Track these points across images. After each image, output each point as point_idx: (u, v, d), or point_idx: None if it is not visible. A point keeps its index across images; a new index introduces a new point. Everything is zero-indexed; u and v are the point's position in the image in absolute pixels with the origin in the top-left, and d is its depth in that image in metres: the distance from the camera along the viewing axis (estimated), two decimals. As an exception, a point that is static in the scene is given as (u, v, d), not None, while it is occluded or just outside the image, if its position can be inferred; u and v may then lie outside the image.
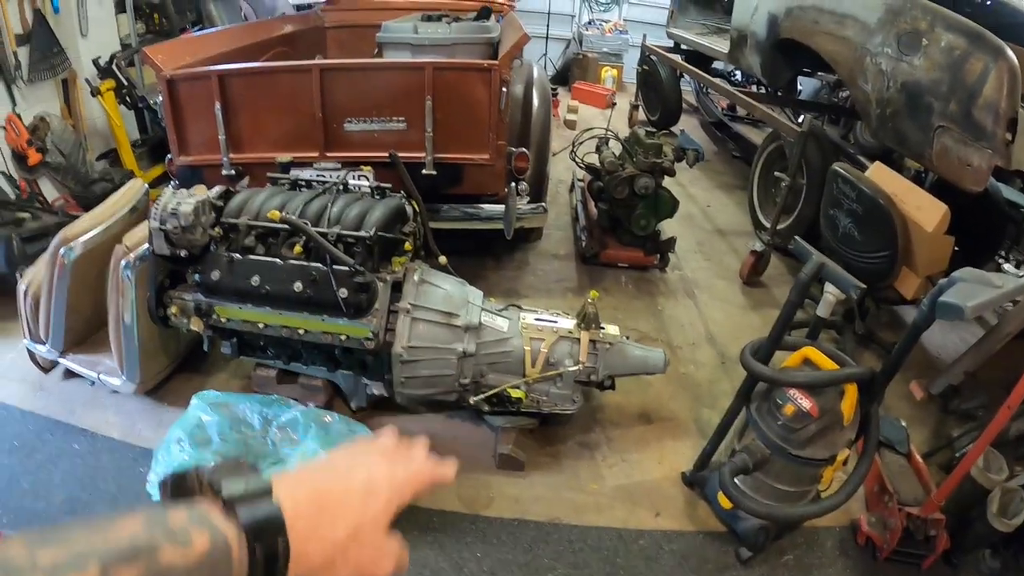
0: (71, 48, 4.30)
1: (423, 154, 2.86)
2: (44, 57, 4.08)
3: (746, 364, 1.91)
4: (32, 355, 2.77)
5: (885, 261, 2.79)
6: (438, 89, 2.73)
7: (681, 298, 3.54)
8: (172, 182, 3.23)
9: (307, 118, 2.84)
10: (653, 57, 6.09)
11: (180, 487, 0.52)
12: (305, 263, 2.07)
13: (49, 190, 4.19)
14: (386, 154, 2.81)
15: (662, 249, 3.68)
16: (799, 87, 4.95)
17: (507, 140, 2.95)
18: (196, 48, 3.22)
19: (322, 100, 2.79)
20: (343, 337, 2.14)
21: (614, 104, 5.88)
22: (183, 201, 2.01)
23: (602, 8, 8.62)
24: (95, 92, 4.26)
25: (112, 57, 4.37)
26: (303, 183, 2.38)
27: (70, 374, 2.78)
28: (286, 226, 2.07)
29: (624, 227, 3.64)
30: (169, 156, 3.11)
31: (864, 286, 1.88)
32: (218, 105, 2.81)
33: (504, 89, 2.73)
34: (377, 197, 2.31)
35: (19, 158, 3.92)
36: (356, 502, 0.54)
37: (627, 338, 2.42)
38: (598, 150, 3.73)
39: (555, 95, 6.56)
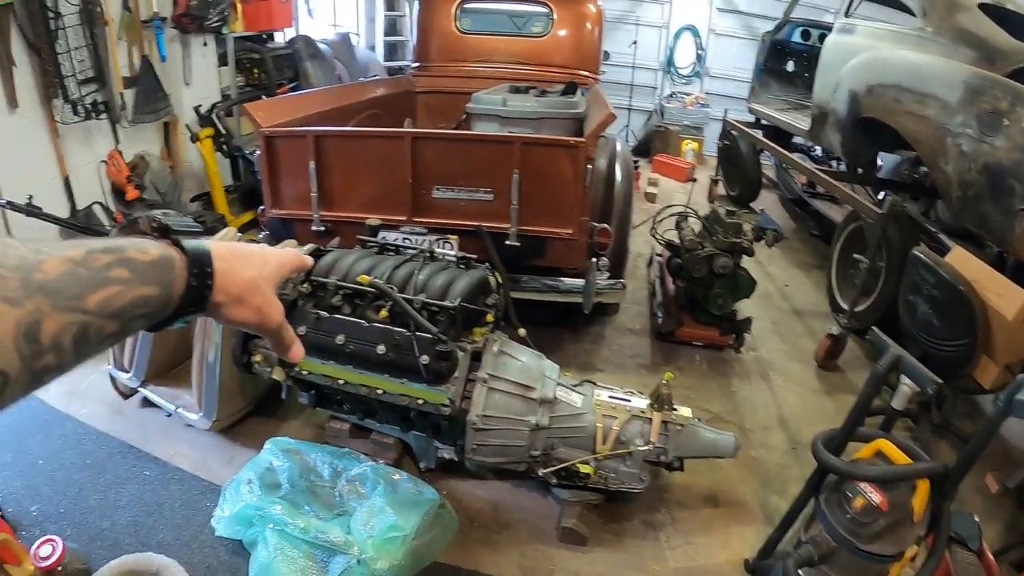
0: (174, 94, 4.64)
1: (508, 225, 2.91)
2: (148, 101, 4.41)
3: (817, 455, 1.85)
4: (114, 381, 2.93)
5: (963, 349, 2.68)
6: (525, 163, 2.80)
7: (755, 380, 3.46)
8: (262, 232, 3.41)
9: (397, 182, 2.94)
10: (734, 132, 6.10)
11: (131, 229, 0.69)
12: (390, 327, 2.13)
13: (146, 227, 4.48)
14: (472, 223, 2.89)
15: (738, 329, 3.61)
16: (879, 162, 4.85)
17: (590, 215, 2.99)
18: (293, 107, 3.41)
19: (413, 166, 2.89)
20: (420, 401, 2.17)
21: (694, 179, 5.88)
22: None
23: (684, 81, 8.72)
24: (194, 138, 4.57)
25: (212, 107, 4.70)
26: (391, 248, 2.47)
27: (147, 403, 2.92)
28: (374, 289, 2.15)
29: (700, 305, 3.60)
30: (262, 207, 3.28)
31: (941, 381, 1.81)
32: (312, 164, 2.96)
33: (589, 166, 2.78)
34: (462, 267, 2.37)
35: (118, 192, 4.22)
36: (257, 260, 0.72)
37: (699, 420, 2.37)
38: (678, 227, 3.74)
39: (636, 167, 6.65)
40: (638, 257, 4.89)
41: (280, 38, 5.90)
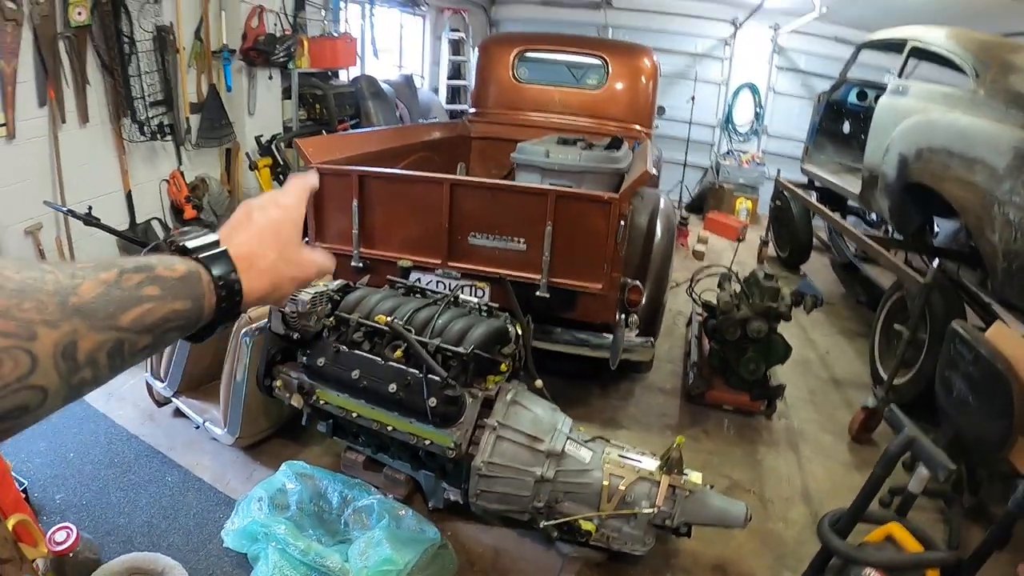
0: (238, 123, 4.89)
1: (539, 276, 2.94)
2: (212, 127, 4.66)
3: (822, 535, 1.79)
4: (149, 388, 3.08)
5: (1000, 431, 2.52)
6: (559, 216, 2.83)
7: (783, 449, 3.34)
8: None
9: (434, 226, 3.01)
10: (785, 192, 6.01)
11: (156, 251, 0.73)
12: (403, 367, 2.19)
13: (198, 244, 4.73)
14: (503, 272, 2.93)
15: (770, 395, 3.51)
16: (936, 229, 4.68)
17: (623, 271, 2.99)
18: (344, 145, 3.57)
19: (450, 212, 2.96)
20: (427, 442, 2.21)
21: (740, 238, 5.78)
22: (303, 290, 2.22)
23: (741, 139, 8.67)
24: (252, 166, 4.81)
25: (273, 138, 4.94)
26: (418, 290, 2.54)
27: (179, 413, 3.06)
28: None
29: (733, 369, 3.51)
30: (307, 239, 3.42)
31: (954, 467, 1.73)
32: (355, 202, 3.06)
33: (622, 222, 2.80)
34: (484, 315, 2.42)
35: (176, 211, 4.47)
36: (269, 235, 0.72)
37: (710, 487, 2.31)
38: (720, 287, 3.68)
39: (686, 224, 6.63)
40: (678, 315, 4.84)
41: (344, 76, 6.17)
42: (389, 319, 2.20)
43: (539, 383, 2.49)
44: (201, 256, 0.65)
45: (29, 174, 3.54)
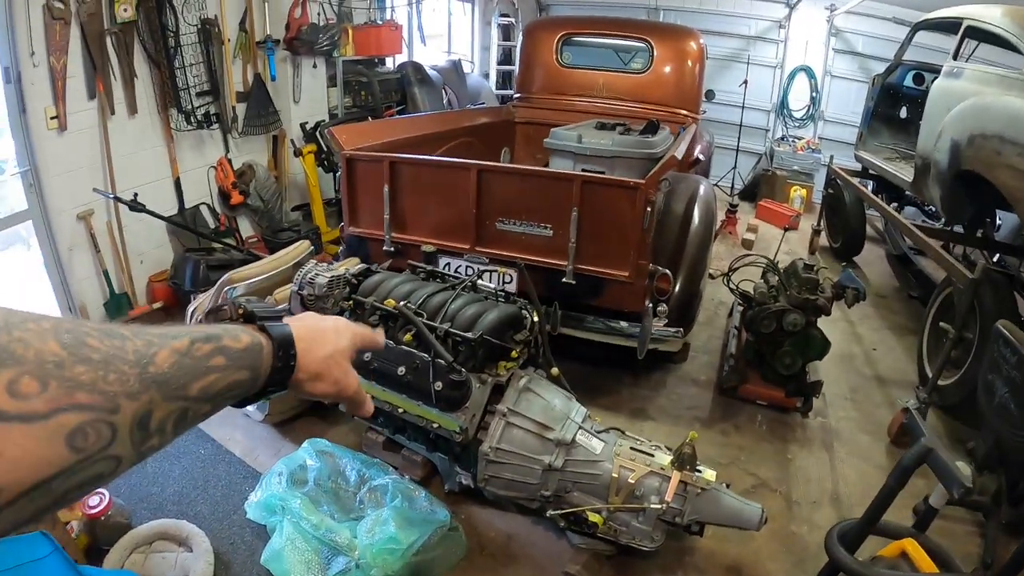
0: (284, 111, 4.99)
1: (565, 263, 2.91)
2: (258, 115, 4.77)
3: (829, 548, 1.72)
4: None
5: None
6: (585, 202, 2.80)
7: (816, 449, 3.21)
8: (340, 247, 3.64)
9: (463, 212, 3.02)
10: (839, 180, 5.74)
11: (218, 313, 0.86)
12: (413, 351, 2.21)
13: (246, 228, 4.87)
14: (532, 258, 2.91)
15: (806, 392, 3.37)
16: (998, 222, 4.37)
17: (652, 259, 2.92)
18: (381, 131, 3.61)
19: (477, 197, 2.96)
20: (435, 425, 2.23)
21: (787, 227, 5.49)
22: (320, 273, 2.27)
23: (797, 124, 8.31)
24: (297, 152, 4.90)
25: (317, 124, 5.01)
26: (439, 275, 2.56)
27: (213, 390, 3.20)
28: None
29: (768, 363, 3.39)
30: (342, 224, 3.49)
31: (970, 486, 1.62)
32: (386, 188, 3.10)
33: (648, 208, 2.73)
34: (500, 301, 2.41)
35: (224, 196, 4.61)
36: (331, 336, 0.80)
37: (726, 486, 2.25)
38: (764, 277, 3.55)
39: (735, 211, 6.43)
40: (720, 305, 4.71)
41: (391, 63, 6.20)
42: (398, 303, 2.22)
43: (555, 371, 2.47)
44: (266, 324, 0.71)
45: (81, 163, 3.71)
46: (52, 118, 3.47)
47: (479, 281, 2.48)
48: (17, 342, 0.44)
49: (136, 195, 3.69)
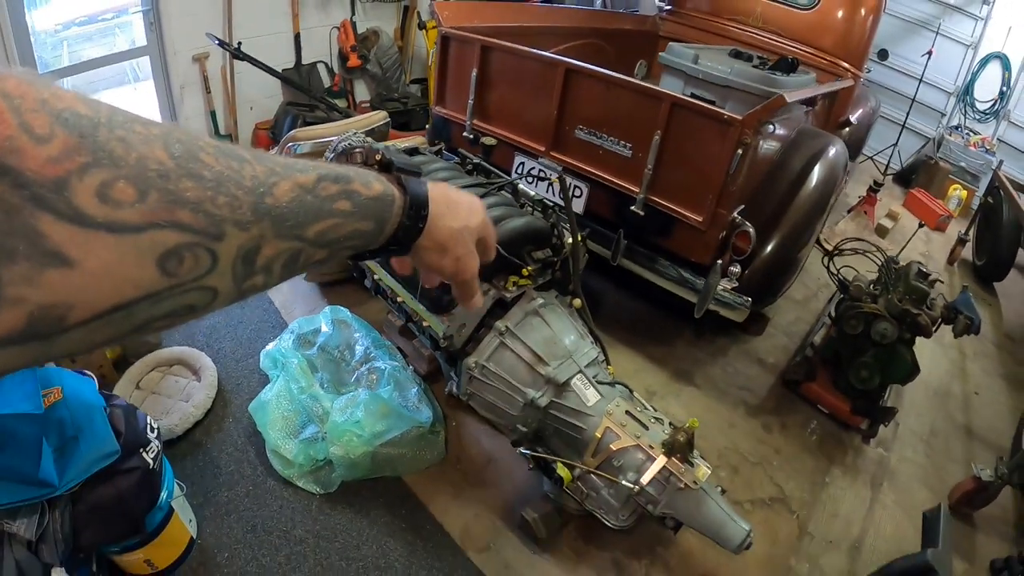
0: (419, -20, 4.82)
1: (637, 189, 2.64)
2: (391, -17, 4.62)
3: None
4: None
5: None
6: (671, 127, 2.47)
7: (860, 482, 2.77)
8: (427, 125, 3.52)
9: (544, 111, 2.81)
10: (1001, 191, 4.80)
11: (347, 156, 0.70)
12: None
13: (362, 93, 4.86)
14: (605, 175, 2.67)
15: (875, 415, 2.92)
16: None
17: (734, 209, 2.55)
18: (489, 13, 3.35)
19: (561, 99, 2.73)
20: (424, 324, 2.11)
21: (922, 224, 4.61)
22: (352, 142, 2.13)
23: (977, 117, 6.99)
24: (422, 26, 4.77)
25: (445, 1, 4.81)
26: (483, 169, 2.36)
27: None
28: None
29: (843, 368, 2.96)
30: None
31: None
32: (475, 72, 2.92)
33: (740, 151, 2.34)
34: (536, 212, 2.18)
35: (343, 58, 4.59)
36: (464, 211, 0.71)
37: (720, 490, 1.96)
38: (880, 271, 3.03)
39: (876, 191, 5.60)
40: (824, 287, 4.17)
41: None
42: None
43: (578, 302, 2.21)
44: (403, 177, 0.63)
45: (201, 7, 3.82)
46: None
47: (520, 185, 2.24)
48: (118, 141, 0.38)
49: (240, 44, 3.74)
